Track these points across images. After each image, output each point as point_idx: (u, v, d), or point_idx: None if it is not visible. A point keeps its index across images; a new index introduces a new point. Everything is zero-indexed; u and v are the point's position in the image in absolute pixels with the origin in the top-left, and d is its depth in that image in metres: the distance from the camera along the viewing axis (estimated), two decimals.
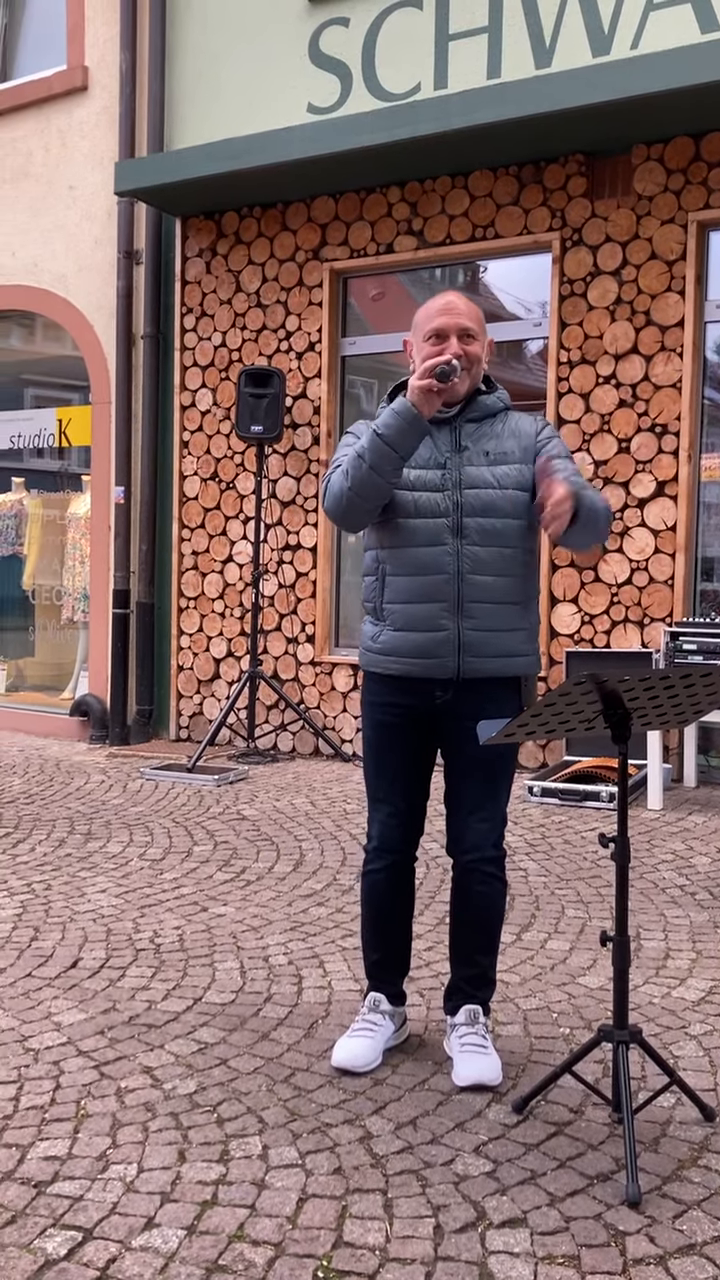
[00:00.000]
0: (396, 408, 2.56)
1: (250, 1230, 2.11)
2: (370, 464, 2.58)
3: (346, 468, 2.62)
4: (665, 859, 4.61)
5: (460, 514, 2.65)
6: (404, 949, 2.90)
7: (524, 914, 3.93)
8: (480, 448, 2.69)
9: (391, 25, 6.49)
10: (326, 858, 4.68)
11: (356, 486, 2.61)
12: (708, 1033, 2.98)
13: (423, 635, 2.67)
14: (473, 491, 2.65)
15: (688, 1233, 2.10)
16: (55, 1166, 2.33)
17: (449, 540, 2.65)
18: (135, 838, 4.98)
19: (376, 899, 2.84)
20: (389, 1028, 2.84)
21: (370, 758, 2.81)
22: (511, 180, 6.33)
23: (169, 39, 7.27)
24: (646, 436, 6.04)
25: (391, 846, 2.80)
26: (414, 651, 2.67)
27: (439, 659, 2.66)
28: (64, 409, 8.16)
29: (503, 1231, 2.10)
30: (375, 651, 2.74)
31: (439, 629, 2.66)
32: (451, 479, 2.66)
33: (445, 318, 2.66)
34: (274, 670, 7.18)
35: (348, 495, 2.63)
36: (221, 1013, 3.11)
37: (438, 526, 2.65)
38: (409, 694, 2.72)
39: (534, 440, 2.73)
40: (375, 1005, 2.85)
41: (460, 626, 2.65)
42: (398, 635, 2.69)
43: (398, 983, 2.89)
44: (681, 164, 5.88)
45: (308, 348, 7.00)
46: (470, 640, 2.65)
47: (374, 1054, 2.77)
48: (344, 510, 2.66)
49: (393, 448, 2.56)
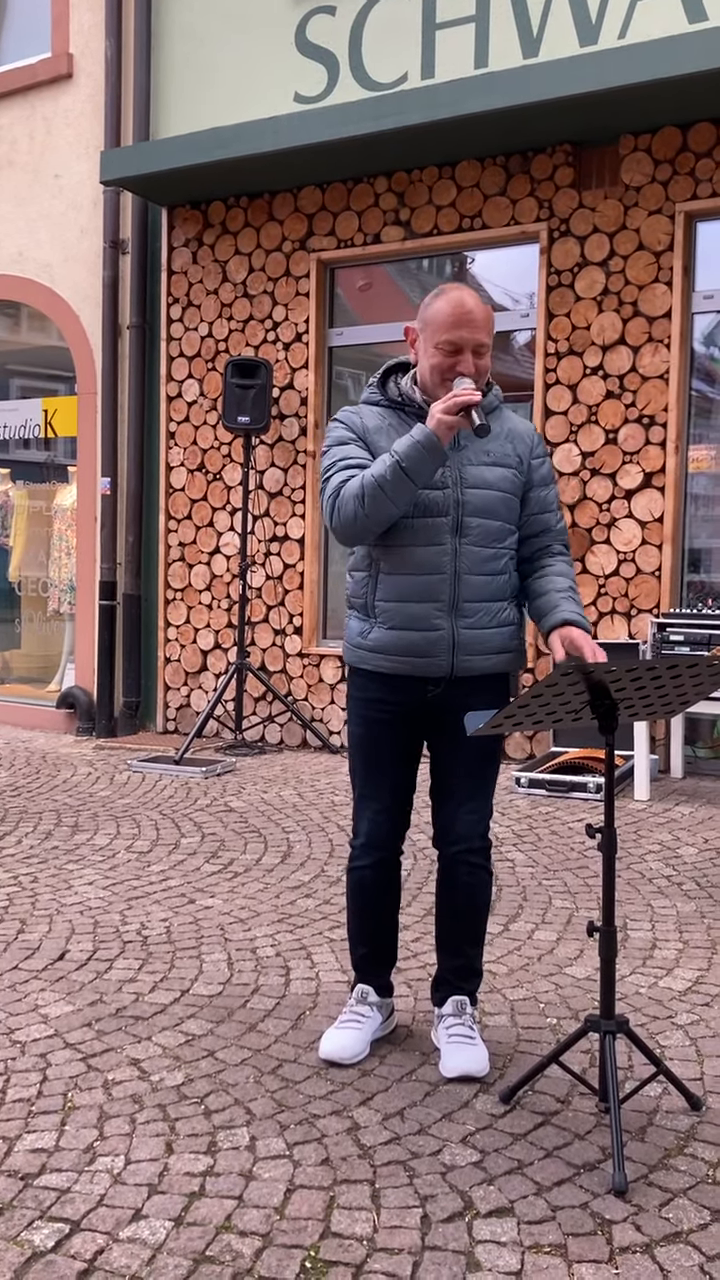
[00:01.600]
0: (420, 438, 2.48)
1: (238, 1221, 2.11)
2: (390, 494, 2.52)
3: (360, 493, 2.54)
4: (652, 849, 4.63)
5: (460, 513, 2.62)
6: (391, 943, 2.90)
7: (511, 905, 3.93)
8: (480, 447, 2.67)
9: (378, 14, 6.46)
10: (314, 849, 4.68)
11: (373, 514, 2.55)
12: (694, 1022, 2.99)
13: (417, 634, 2.64)
14: (474, 491, 2.63)
15: (674, 1221, 2.11)
16: (42, 1159, 2.33)
17: (448, 539, 2.62)
18: (122, 830, 4.98)
19: (363, 895, 2.83)
20: (376, 1019, 2.84)
21: (357, 754, 2.79)
22: (498, 170, 6.31)
23: (154, 27, 7.23)
24: (634, 428, 6.04)
25: (379, 843, 2.78)
26: (407, 650, 2.65)
27: (432, 658, 2.64)
28: (50, 399, 8.12)
29: (490, 1221, 2.11)
30: (365, 649, 2.71)
31: (434, 628, 2.63)
32: (452, 477, 2.63)
33: (463, 331, 2.57)
34: (261, 662, 7.17)
35: (363, 520, 2.56)
36: (209, 1004, 3.11)
37: (438, 525, 2.62)
38: (399, 690, 2.70)
39: (530, 453, 2.74)
40: (363, 997, 2.85)
41: (455, 626, 2.63)
42: (390, 634, 2.66)
43: (385, 975, 2.89)
44: (669, 154, 5.88)
45: (295, 338, 6.98)
46: (464, 639, 2.64)
47: (361, 1045, 2.77)
48: (358, 533, 2.61)
49: (412, 479, 2.51)
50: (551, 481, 2.78)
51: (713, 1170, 2.28)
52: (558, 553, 2.78)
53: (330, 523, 2.64)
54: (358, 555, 2.75)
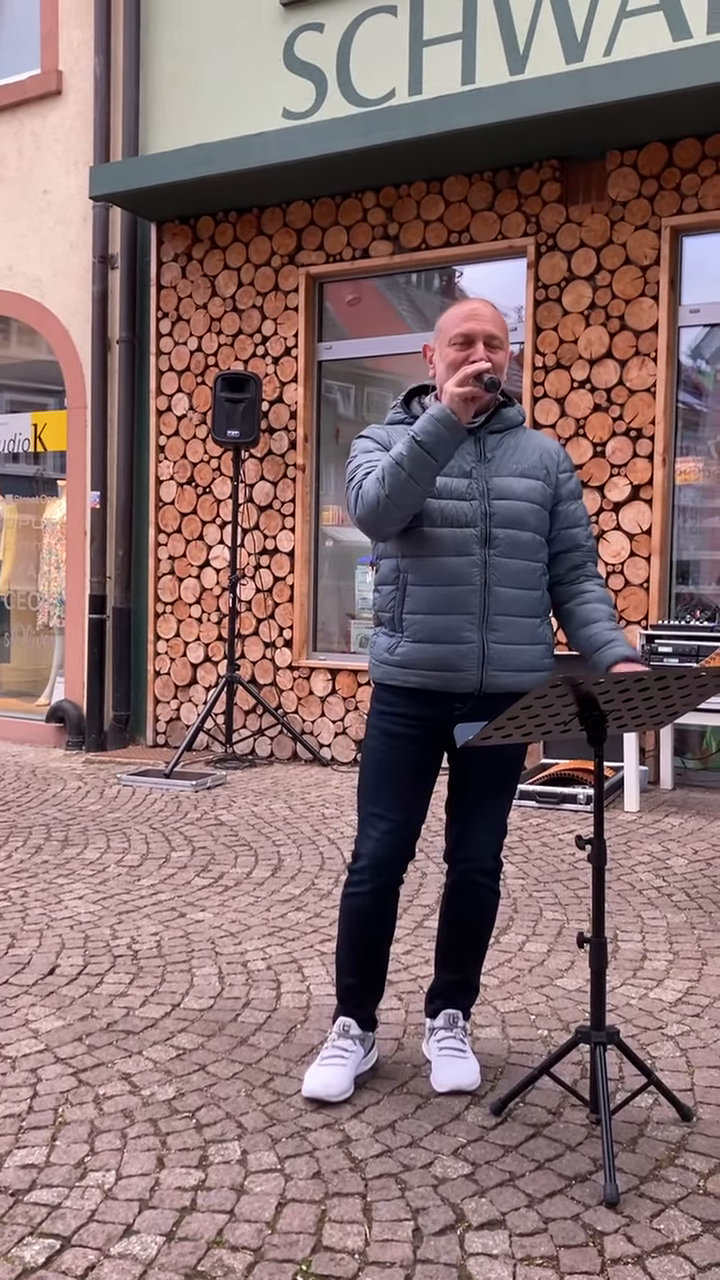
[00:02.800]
0: (436, 414, 2.46)
1: (229, 1236, 2.10)
2: (409, 472, 2.48)
3: (381, 475, 2.52)
4: (642, 861, 4.63)
5: (489, 524, 2.59)
6: (380, 975, 2.76)
7: (502, 916, 3.94)
8: (508, 459, 2.65)
9: (366, 31, 6.51)
10: (305, 862, 4.68)
11: (394, 495, 2.51)
12: (684, 1033, 2.99)
13: (446, 647, 2.58)
14: (502, 503, 2.61)
15: (665, 1232, 2.11)
16: (33, 1174, 2.32)
17: (476, 550, 2.58)
18: (113, 844, 4.97)
19: (359, 923, 2.69)
20: (359, 1053, 2.72)
21: (371, 768, 2.69)
22: (486, 185, 6.35)
23: (143, 43, 7.26)
24: (621, 440, 6.07)
25: (382, 867, 2.64)
26: (435, 664, 2.59)
27: (461, 672, 2.58)
28: (39, 413, 8.13)
29: (482, 1233, 2.11)
30: (392, 664, 2.64)
31: (463, 641, 2.58)
32: (479, 488, 2.61)
33: (472, 323, 2.60)
34: (251, 675, 7.17)
35: (385, 502, 2.52)
36: (200, 1018, 3.10)
37: (465, 536, 2.58)
38: (426, 706, 2.63)
39: (557, 466, 2.71)
40: (345, 1031, 2.72)
41: (485, 639, 2.59)
42: (418, 647, 2.60)
43: (370, 1008, 2.76)
44: (655, 170, 5.92)
45: (284, 352, 7.00)
46: (495, 653, 2.59)
47: (346, 1082, 2.65)
48: (379, 518, 2.56)
49: (431, 455, 2.48)
50: (579, 497, 2.76)
51: (704, 1181, 2.28)
52: (593, 574, 2.75)
53: (354, 512, 2.61)
54: (384, 569, 2.70)
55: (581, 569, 2.75)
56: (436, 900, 4.12)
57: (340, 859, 4.70)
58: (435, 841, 4.81)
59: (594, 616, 2.69)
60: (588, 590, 2.73)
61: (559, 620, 2.78)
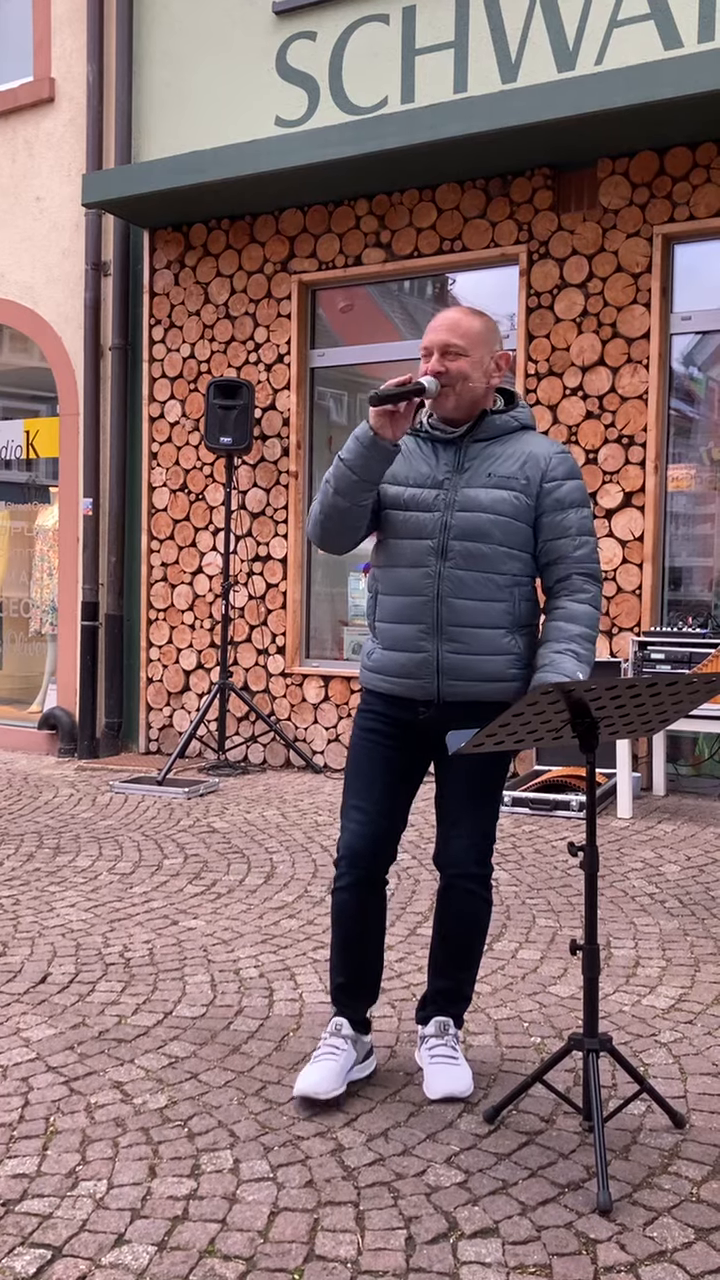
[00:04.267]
0: (357, 433, 2.53)
1: (221, 1245, 2.09)
2: (335, 488, 2.56)
3: (320, 493, 2.62)
4: (635, 867, 4.63)
5: (446, 536, 2.59)
6: (372, 975, 2.76)
7: (495, 923, 3.93)
8: (484, 469, 2.63)
9: (359, 39, 6.53)
10: (297, 870, 4.67)
11: (326, 510, 2.60)
12: (677, 1040, 2.99)
13: (404, 655, 2.64)
14: (464, 514, 2.59)
15: (658, 1240, 2.11)
16: (24, 1184, 2.31)
17: (431, 562, 2.60)
18: (105, 851, 4.95)
19: (345, 920, 2.71)
20: (351, 1054, 2.70)
21: (350, 765, 2.75)
22: (478, 193, 6.37)
23: (136, 51, 7.28)
24: (614, 448, 6.08)
25: (357, 858, 2.67)
26: (398, 671, 2.65)
27: (419, 680, 2.63)
28: (32, 420, 8.12)
29: (474, 1242, 2.10)
30: (369, 668, 2.74)
31: (418, 650, 2.62)
32: (445, 500, 2.61)
33: (430, 335, 2.61)
34: (244, 682, 7.16)
35: (319, 518, 2.63)
36: (192, 1026, 3.09)
37: (423, 548, 2.61)
38: (395, 708, 2.70)
39: (542, 476, 2.63)
40: (337, 1030, 2.71)
41: (440, 649, 2.61)
42: (385, 655, 2.68)
43: (361, 1010, 2.75)
44: (646, 178, 5.94)
45: (276, 359, 7.01)
46: (450, 664, 2.61)
47: (336, 1081, 2.62)
48: (319, 534, 2.66)
49: (352, 470, 2.53)
50: (572, 506, 2.64)
51: (697, 1188, 2.28)
52: (576, 589, 2.65)
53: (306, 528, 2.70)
54: (370, 577, 2.78)
55: (566, 582, 2.66)
56: (430, 908, 4.12)
57: (333, 866, 4.70)
58: (429, 849, 4.80)
59: (548, 635, 2.64)
60: (559, 606, 2.65)
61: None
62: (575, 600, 2.65)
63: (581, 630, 2.62)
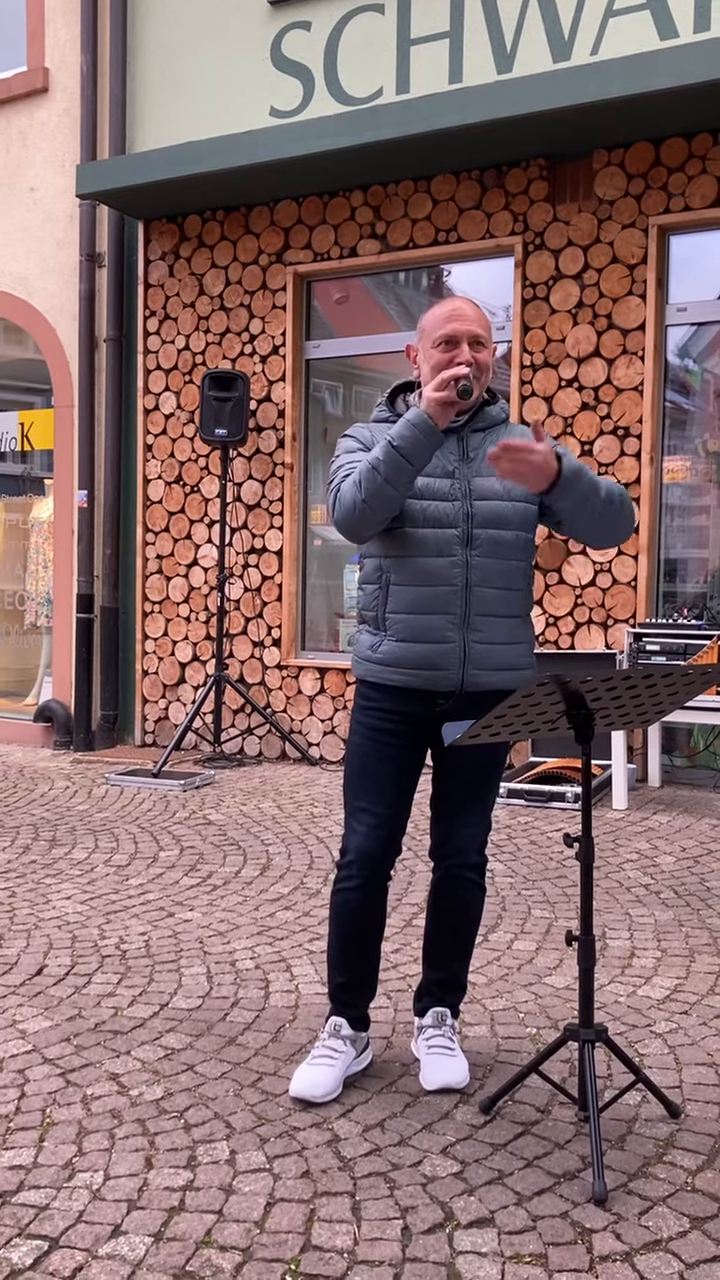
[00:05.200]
0: (412, 419, 2.47)
1: (218, 1236, 2.10)
2: (385, 476, 2.49)
3: (358, 479, 2.53)
4: (630, 858, 4.64)
5: (471, 524, 2.59)
6: (371, 973, 2.76)
7: (491, 915, 3.94)
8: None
9: (353, 29, 6.50)
10: (294, 861, 4.68)
11: (370, 499, 2.52)
12: (672, 1030, 3.00)
13: (427, 646, 2.60)
14: (484, 503, 2.60)
15: (654, 1229, 2.11)
16: (20, 1176, 2.31)
17: (458, 551, 2.59)
18: (101, 844, 4.95)
19: (348, 919, 2.70)
20: (350, 1054, 2.71)
21: (355, 764, 2.69)
22: (474, 184, 6.35)
23: (130, 41, 7.25)
24: (609, 439, 6.08)
25: (369, 860, 2.65)
26: (418, 663, 2.60)
27: (443, 671, 2.59)
28: (26, 412, 8.10)
29: (470, 1232, 2.11)
30: (375, 662, 2.65)
31: (444, 640, 2.59)
32: (461, 489, 2.61)
33: (456, 324, 2.58)
34: (240, 674, 7.16)
35: (361, 507, 2.53)
36: (188, 1018, 3.10)
37: (447, 537, 2.59)
38: (408, 703, 2.64)
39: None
40: (336, 1030, 2.71)
41: (466, 639, 2.60)
42: (401, 646, 2.61)
43: (362, 1007, 2.75)
44: (642, 168, 5.93)
45: (272, 351, 6.99)
46: (476, 653, 2.60)
47: (333, 1083, 2.63)
48: (356, 522, 2.57)
49: (408, 459, 2.48)
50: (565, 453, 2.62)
51: (692, 1178, 2.29)
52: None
53: (332, 515, 2.61)
54: (368, 568, 2.71)
55: None
56: (425, 899, 4.12)
57: (329, 858, 4.70)
58: (423, 840, 4.81)
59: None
60: None
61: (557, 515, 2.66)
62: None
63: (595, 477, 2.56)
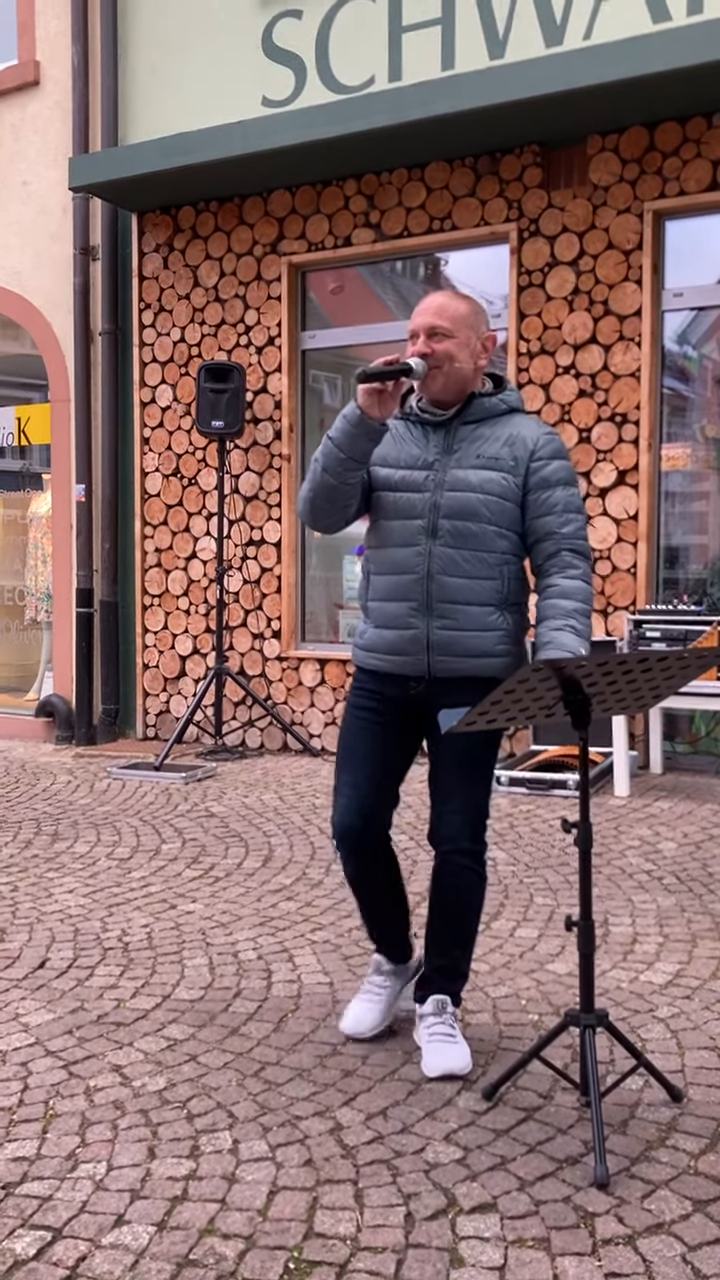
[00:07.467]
0: (345, 412, 2.58)
1: (221, 1224, 2.10)
2: (323, 466, 2.61)
3: (310, 471, 2.67)
4: (632, 845, 4.64)
5: (436, 515, 2.65)
6: (398, 920, 2.92)
7: (493, 902, 3.94)
8: (473, 450, 2.67)
9: (344, 17, 6.48)
10: (295, 852, 4.68)
11: (315, 488, 2.66)
12: (674, 1015, 3.00)
13: (394, 633, 2.70)
14: (453, 494, 2.64)
15: (656, 1212, 2.12)
16: (24, 1167, 2.31)
17: (421, 541, 2.66)
18: (103, 837, 4.96)
19: (356, 886, 2.86)
20: (393, 988, 2.91)
21: (340, 742, 2.84)
22: (467, 172, 6.33)
23: (121, 33, 7.22)
24: (607, 426, 6.06)
25: (349, 832, 2.76)
26: (389, 649, 2.72)
27: (410, 656, 2.69)
28: (23, 407, 8.09)
29: (473, 1217, 2.11)
30: (360, 647, 2.80)
31: (408, 627, 2.68)
32: (435, 480, 2.66)
33: (416, 318, 2.67)
34: (240, 666, 7.16)
35: (309, 497, 2.69)
36: (191, 1009, 3.10)
37: (413, 528, 2.67)
38: (387, 685, 2.76)
39: (530, 455, 2.65)
40: (377, 967, 2.92)
41: (429, 626, 2.66)
42: (376, 633, 2.75)
43: (397, 944, 2.92)
44: (636, 154, 5.91)
45: (267, 342, 6.98)
46: (439, 640, 2.66)
47: (376, 1018, 2.84)
48: (309, 513, 2.72)
49: (339, 449, 2.58)
50: (558, 484, 2.65)
51: (694, 1161, 2.29)
52: (566, 565, 2.66)
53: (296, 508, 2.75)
54: (364, 558, 2.83)
55: (555, 559, 2.67)
56: (428, 888, 4.12)
57: (331, 848, 4.70)
58: (426, 829, 4.81)
59: (544, 614, 2.66)
60: (551, 584, 2.67)
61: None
62: (566, 577, 2.67)
63: (577, 605, 2.65)
